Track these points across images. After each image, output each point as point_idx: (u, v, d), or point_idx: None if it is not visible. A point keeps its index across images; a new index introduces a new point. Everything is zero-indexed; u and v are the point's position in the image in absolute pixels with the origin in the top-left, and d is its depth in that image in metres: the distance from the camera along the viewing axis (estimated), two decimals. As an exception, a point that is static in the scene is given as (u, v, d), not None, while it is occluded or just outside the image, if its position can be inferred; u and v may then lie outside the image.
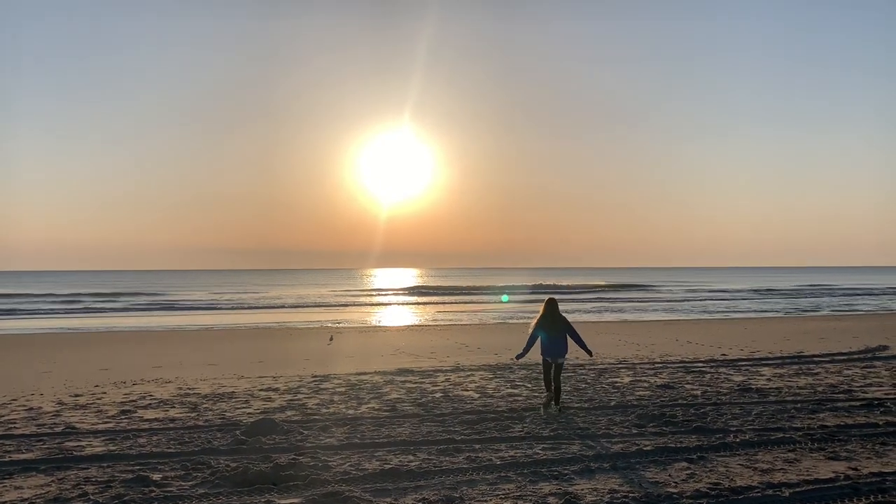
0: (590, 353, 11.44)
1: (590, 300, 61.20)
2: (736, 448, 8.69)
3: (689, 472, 7.69)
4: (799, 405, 11.37)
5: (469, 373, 15.84)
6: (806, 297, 63.89)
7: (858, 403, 11.40)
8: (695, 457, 8.28)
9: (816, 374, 14.93)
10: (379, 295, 75.67)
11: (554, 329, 11.06)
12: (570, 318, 12.09)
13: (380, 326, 34.57)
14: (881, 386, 13.23)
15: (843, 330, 27.15)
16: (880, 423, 10.01)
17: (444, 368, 16.65)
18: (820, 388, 12.99)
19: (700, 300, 61.58)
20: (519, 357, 11.59)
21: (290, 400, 12.54)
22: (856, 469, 7.73)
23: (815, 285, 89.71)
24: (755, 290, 77.17)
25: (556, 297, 12.18)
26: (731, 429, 9.70)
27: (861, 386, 13.25)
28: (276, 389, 13.83)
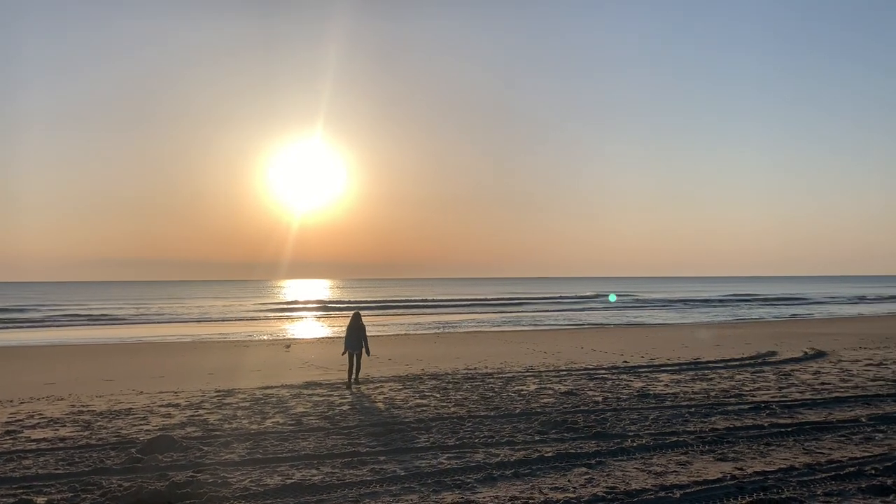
0: (368, 353, 16.42)
1: (499, 311, 62.09)
2: (633, 452, 9.00)
3: (587, 476, 7.91)
4: (693, 409, 11.89)
5: (378, 384, 15.77)
6: (725, 306, 66.71)
7: (747, 407, 12.01)
8: (594, 462, 8.53)
9: (711, 379, 15.64)
10: (288, 307, 74.27)
11: (353, 332, 16.27)
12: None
13: (289, 339, 33.93)
14: (768, 390, 14.00)
15: (738, 337, 28.57)
16: (766, 424, 10.59)
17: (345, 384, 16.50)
18: (713, 393, 13.62)
19: (615, 308, 63.48)
20: (343, 353, 16.41)
21: (192, 416, 12.14)
22: (741, 469, 8.14)
23: (738, 295, 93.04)
24: (684, 301, 79.69)
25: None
26: (629, 434, 10.04)
27: (750, 390, 13.97)
28: (176, 405, 13.36)
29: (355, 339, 16.21)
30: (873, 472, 7.92)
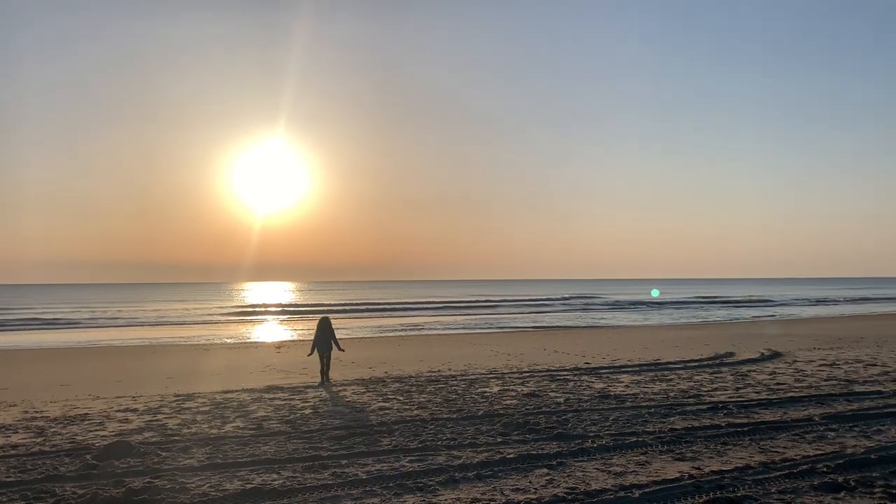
0: (340, 348, 17.40)
1: (464, 313, 62.23)
2: (593, 453, 9.10)
3: (548, 477, 7.97)
4: (653, 410, 12.05)
5: (341, 388, 15.68)
6: (689, 308, 67.76)
7: (705, 407, 12.22)
8: (555, 463, 8.59)
9: (670, 380, 15.88)
10: (249, 310, 73.40)
11: (323, 334, 17.09)
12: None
13: (250, 342, 33.56)
14: (725, 390, 14.25)
15: (697, 338, 29.05)
16: (723, 424, 10.78)
17: (316, 384, 16.40)
18: (672, 394, 13.82)
19: (580, 310, 64.04)
20: (309, 354, 17.30)
21: (150, 421, 11.93)
22: (699, 468, 8.28)
23: (702, 297, 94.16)
24: (649, 303, 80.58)
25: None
26: (590, 434, 10.14)
27: (708, 390, 14.22)
28: (134, 410, 13.13)
29: (325, 340, 17.01)
30: (825, 469, 8.12)
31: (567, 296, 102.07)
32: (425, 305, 76.11)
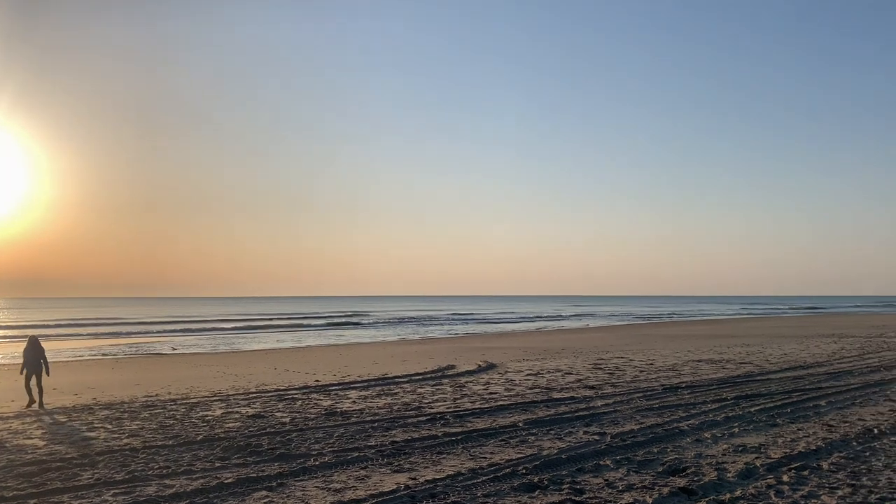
0: (48, 372, 16.31)
1: (196, 334, 58.89)
2: (315, 471, 9.08)
3: (266, 499, 7.79)
4: (376, 424, 12.37)
5: (36, 418, 13.93)
6: (443, 324, 70.29)
7: (425, 418, 12.82)
8: (274, 484, 8.43)
9: (396, 393, 16.43)
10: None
11: (31, 352, 16.21)
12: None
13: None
14: (445, 401, 15.10)
15: (423, 353, 30.47)
16: (440, 434, 11.39)
17: (6, 415, 14.40)
18: (396, 407, 14.31)
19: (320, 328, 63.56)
20: (21, 372, 16.17)
21: None
22: (415, 479, 8.64)
23: (457, 314, 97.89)
24: (411, 319, 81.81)
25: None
26: (313, 453, 10.11)
27: (429, 402, 14.95)
28: None
29: (34, 359, 16.23)
30: (524, 471, 8.93)
31: (327, 313, 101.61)
32: (159, 324, 70.78)
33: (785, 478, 8.63)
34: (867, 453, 9.93)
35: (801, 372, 20.35)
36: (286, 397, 16.17)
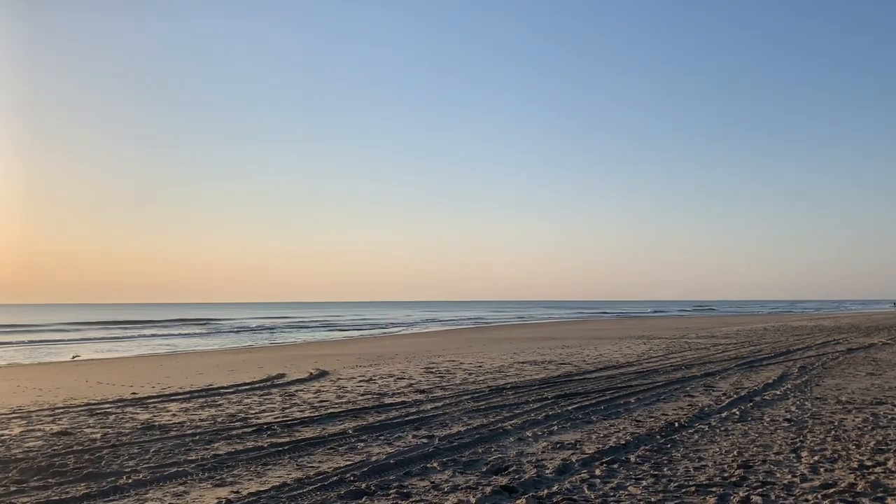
0: None
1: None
2: (127, 490, 8.50)
3: (70, 525, 7.17)
4: (198, 437, 11.79)
5: None
6: (272, 332, 67.58)
7: (251, 429, 12.40)
8: (80, 507, 7.79)
9: (220, 405, 15.76)
10: None
11: None
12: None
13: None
14: (273, 411, 14.70)
15: (252, 361, 29.49)
16: (266, 445, 11.06)
17: None
18: (220, 419, 13.73)
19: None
20: None
21: None
22: (237, 492, 8.33)
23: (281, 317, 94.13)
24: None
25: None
26: (126, 470, 9.46)
27: (256, 412, 14.48)
28: None
29: None
30: (352, 478, 8.88)
31: (159, 319, 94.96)
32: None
33: (597, 472, 9.24)
34: (668, 445, 10.85)
35: (613, 371, 21.87)
36: (98, 411, 15.01)
